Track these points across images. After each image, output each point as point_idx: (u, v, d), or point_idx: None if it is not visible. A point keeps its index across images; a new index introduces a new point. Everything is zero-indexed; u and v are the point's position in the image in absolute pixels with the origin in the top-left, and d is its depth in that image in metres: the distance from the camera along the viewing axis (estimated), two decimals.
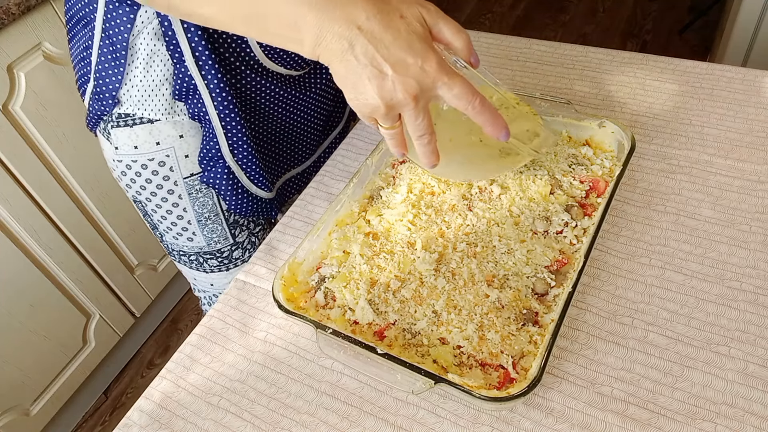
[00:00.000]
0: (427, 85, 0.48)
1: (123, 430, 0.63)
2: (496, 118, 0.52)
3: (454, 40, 0.53)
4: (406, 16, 0.49)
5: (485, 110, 0.51)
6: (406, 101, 0.49)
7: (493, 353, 0.59)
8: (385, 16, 0.48)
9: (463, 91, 0.49)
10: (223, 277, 0.93)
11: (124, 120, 0.73)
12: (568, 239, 0.68)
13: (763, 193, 0.74)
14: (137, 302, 1.65)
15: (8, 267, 1.29)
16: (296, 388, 0.63)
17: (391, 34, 0.47)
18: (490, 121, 0.52)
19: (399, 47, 0.47)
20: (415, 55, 0.48)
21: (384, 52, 0.47)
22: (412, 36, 0.48)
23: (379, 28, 0.47)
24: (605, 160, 0.76)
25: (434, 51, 0.49)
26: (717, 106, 0.86)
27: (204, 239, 0.86)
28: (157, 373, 0.67)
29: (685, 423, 0.56)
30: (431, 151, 0.54)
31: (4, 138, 1.22)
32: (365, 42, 0.47)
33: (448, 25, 0.52)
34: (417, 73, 0.48)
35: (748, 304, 0.64)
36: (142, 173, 0.78)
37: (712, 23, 2.50)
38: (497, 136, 0.53)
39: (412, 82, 0.48)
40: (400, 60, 0.47)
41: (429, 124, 0.52)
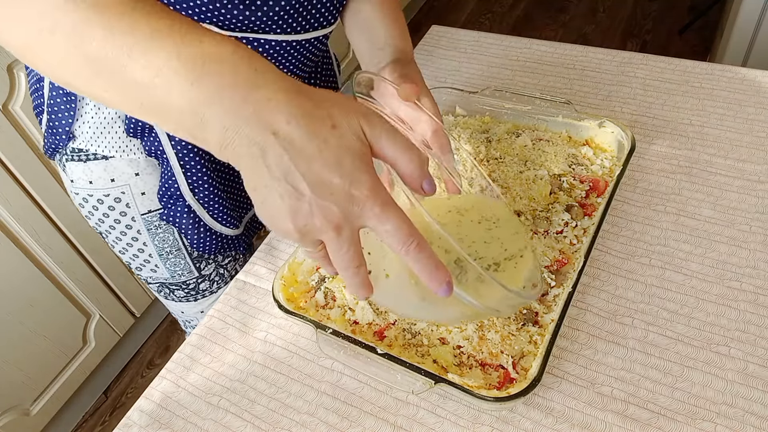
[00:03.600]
0: (353, 214, 0.39)
1: (123, 430, 0.63)
2: (434, 270, 0.40)
3: (401, 161, 0.41)
4: (340, 126, 0.39)
5: (422, 257, 0.40)
6: (324, 230, 0.39)
7: (493, 353, 0.59)
8: (313, 123, 0.38)
9: (397, 229, 0.39)
10: (191, 306, 0.89)
11: (78, 155, 0.70)
12: (568, 239, 0.68)
13: (763, 193, 0.74)
14: (137, 302, 1.64)
15: (8, 267, 1.29)
16: (296, 388, 0.63)
17: (316, 146, 0.38)
18: (426, 271, 0.40)
19: (324, 163, 0.38)
20: (342, 174, 0.38)
21: (303, 166, 0.38)
22: (342, 151, 0.39)
23: (301, 136, 0.38)
24: (605, 160, 0.76)
25: (369, 173, 0.39)
26: (717, 106, 0.86)
27: (167, 272, 0.81)
28: (157, 373, 0.67)
29: (685, 423, 0.56)
30: (359, 284, 0.43)
31: (4, 138, 1.22)
32: (281, 151, 0.38)
33: (394, 142, 0.41)
34: (342, 197, 0.38)
35: (748, 304, 0.64)
36: (99, 207, 0.74)
37: (712, 23, 2.50)
38: (435, 291, 0.41)
39: (334, 208, 0.38)
40: (323, 179, 0.38)
41: (355, 256, 0.41)
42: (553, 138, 0.79)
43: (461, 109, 0.86)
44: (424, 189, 0.43)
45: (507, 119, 0.84)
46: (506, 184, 0.73)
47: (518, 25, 2.74)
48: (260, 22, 0.63)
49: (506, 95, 0.83)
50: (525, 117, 0.83)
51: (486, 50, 1.05)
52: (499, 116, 0.84)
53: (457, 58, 1.04)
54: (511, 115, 0.83)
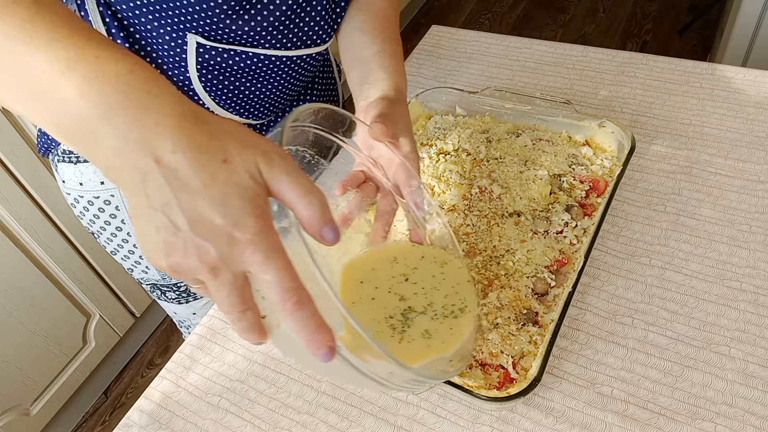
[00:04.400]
0: (231, 257, 0.35)
1: (123, 430, 0.63)
2: (313, 331, 0.36)
3: (299, 205, 0.38)
4: (233, 162, 0.36)
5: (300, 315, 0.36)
6: (199, 270, 0.36)
7: (493, 353, 0.59)
8: (200, 155, 0.35)
9: (277, 281, 0.35)
10: (184, 308, 0.88)
11: (68, 156, 0.70)
12: (568, 239, 0.68)
13: (763, 193, 0.74)
14: (137, 302, 1.64)
15: (8, 267, 1.29)
16: (296, 388, 0.63)
17: (202, 180, 0.35)
18: (303, 331, 0.36)
19: (207, 199, 0.35)
20: (226, 214, 0.35)
21: (185, 200, 0.35)
22: (230, 188, 0.35)
23: (186, 167, 0.35)
24: (605, 160, 0.76)
25: (257, 215, 0.36)
26: (717, 106, 0.86)
27: (158, 273, 0.80)
28: (157, 373, 0.67)
29: (685, 423, 0.56)
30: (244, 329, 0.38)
31: (4, 138, 1.22)
32: (162, 180, 0.35)
33: (293, 184, 0.37)
34: (221, 239, 0.35)
35: (748, 304, 0.64)
36: (90, 208, 0.74)
37: (712, 23, 2.50)
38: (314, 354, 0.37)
39: (211, 249, 0.35)
40: (204, 217, 0.35)
41: (238, 301, 0.37)
42: (553, 138, 0.79)
43: (461, 109, 0.86)
44: (324, 237, 0.39)
45: (507, 119, 0.84)
46: (506, 184, 0.73)
47: (518, 25, 2.74)
48: (248, 36, 0.62)
49: (506, 95, 0.83)
50: (525, 117, 0.83)
51: (486, 50, 1.05)
52: (499, 116, 0.84)
53: (457, 58, 1.04)
54: (511, 115, 0.83)
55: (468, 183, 0.75)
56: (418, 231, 0.62)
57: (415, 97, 0.85)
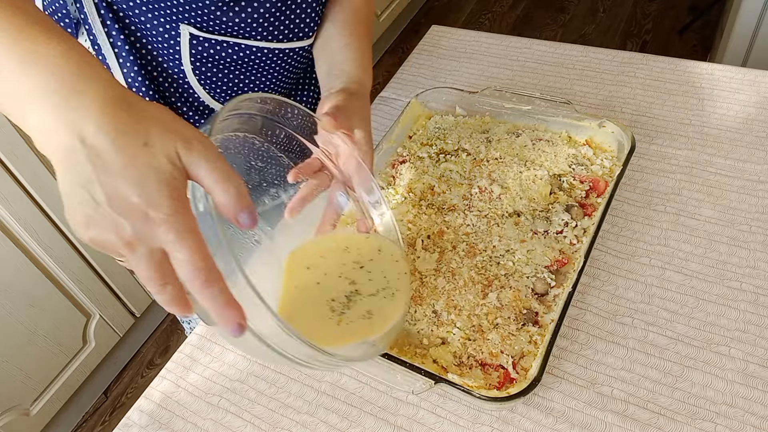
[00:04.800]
0: (145, 235, 0.37)
1: (123, 430, 0.63)
2: (222, 308, 0.39)
3: (214, 189, 0.40)
4: (153, 146, 0.38)
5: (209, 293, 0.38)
6: (115, 245, 0.38)
7: (493, 353, 0.59)
8: (122, 137, 0.38)
9: (188, 260, 0.38)
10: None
11: None
12: (568, 239, 0.68)
13: (763, 193, 0.74)
14: (137, 302, 1.64)
15: (8, 267, 1.29)
16: (296, 388, 0.63)
17: (122, 161, 0.37)
18: (213, 308, 0.39)
19: (126, 179, 0.37)
20: (142, 194, 0.37)
21: (105, 179, 0.37)
22: (149, 171, 0.38)
23: (108, 148, 0.37)
24: (605, 160, 0.76)
25: (173, 198, 0.38)
26: (717, 106, 0.86)
27: None
28: (157, 373, 0.67)
29: (685, 423, 0.56)
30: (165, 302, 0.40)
31: (4, 138, 1.22)
32: (85, 160, 0.37)
33: (211, 170, 0.40)
34: (137, 217, 0.37)
35: (748, 304, 0.64)
36: None
37: (712, 23, 2.50)
38: (224, 330, 0.40)
39: (127, 225, 0.37)
40: (121, 195, 0.37)
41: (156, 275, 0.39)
42: (553, 138, 0.79)
43: (461, 109, 0.86)
44: (240, 221, 0.41)
45: (507, 119, 0.84)
46: (506, 184, 0.73)
47: (518, 25, 2.74)
48: (239, 27, 0.63)
49: (506, 95, 0.83)
50: (525, 117, 0.83)
51: (486, 50, 1.05)
52: (499, 116, 0.84)
53: (457, 58, 1.04)
54: (511, 115, 0.83)
55: (468, 183, 0.75)
56: (365, 221, 0.64)
57: (415, 97, 0.85)
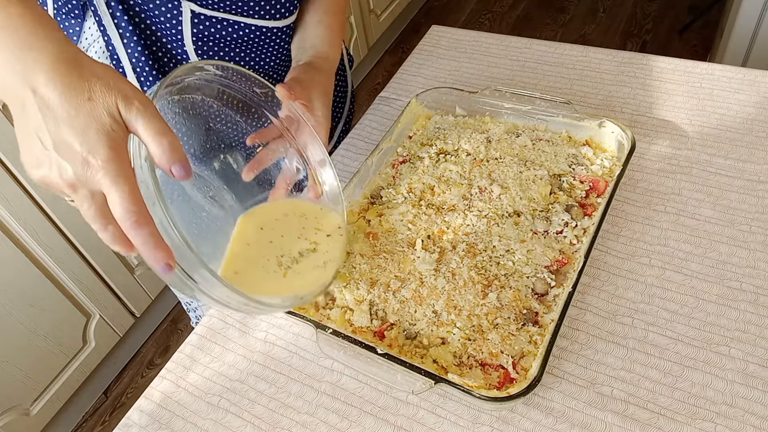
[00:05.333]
0: (85, 178, 0.43)
1: (123, 430, 0.63)
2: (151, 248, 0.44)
3: (149, 143, 0.45)
4: (95, 101, 0.43)
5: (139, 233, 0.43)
6: (60, 186, 0.44)
7: (493, 353, 0.59)
8: (69, 91, 0.42)
9: (120, 201, 0.42)
10: None
11: None
12: (568, 239, 0.68)
13: (763, 193, 0.74)
14: (137, 302, 1.64)
15: (8, 267, 1.29)
16: (296, 388, 0.63)
17: (67, 111, 0.42)
18: (143, 247, 0.44)
19: (70, 128, 0.42)
20: (83, 142, 0.42)
21: (52, 126, 0.42)
22: (90, 121, 0.42)
23: (56, 100, 0.42)
24: (605, 160, 0.76)
25: (111, 147, 0.43)
26: (717, 106, 0.86)
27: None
28: (157, 373, 0.67)
29: (685, 423, 0.56)
30: (108, 240, 0.46)
31: (4, 138, 1.22)
32: (36, 108, 0.42)
33: (147, 125, 0.44)
34: (78, 161, 0.42)
35: (748, 304, 0.64)
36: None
37: (712, 23, 2.50)
38: (153, 268, 0.45)
39: (69, 168, 0.43)
40: (65, 141, 0.42)
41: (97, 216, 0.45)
42: (553, 138, 0.79)
43: (461, 109, 0.86)
44: (173, 172, 0.45)
45: (507, 119, 0.84)
46: (506, 184, 0.73)
47: (518, 25, 2.74)
48: (239, 4, 0.66)
49: (506, 95, 0.83)
50: (525, 117, 0.83)
51: (486, 50, 1.05)
52: (499, 116, 0.84)
53: (457, 58, 1.04)
54: (511, 115, 0.83)
55: (468, 183, 0.75)
56: (315, 188, 0.69)
57: (415, 97, 0.85)
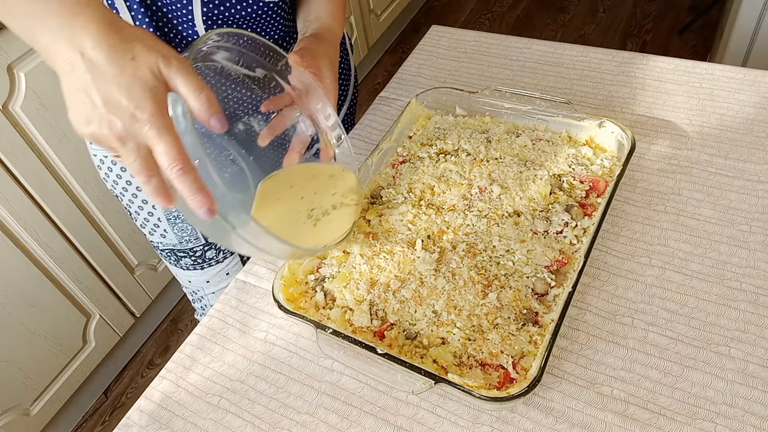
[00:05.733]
0: (133, 131, 0.47)
1: (123, 430, 0.63)
2: (195, 193, 0.48)
3: (189, 98, 0.49)
4: (138, 60, 0.47)
5: (184, 179, 0.47)
6: (109, 139, 0.47)
7: (493, 353, 0.59)
8: (114, 52, 0.46)
9: (166, 152, 0.47)
10: (198, 275, 0.92)
11: None
12: (568, 239, 0.68)
13: (763, 193, 0.74)
14: (137, 302, 1.64)
15: (8, 267, 1.29)
16: (296, 388, 0.63)
17: (113, 71, 0.46)
18: (187, 192, 0.48)
19: (117, 85, 0.46)
20: (130, 98, 0.46)
21: (100, 85, 0.46)
22: (135, 80, 0.47)
23: (102, 60, 0.46)
24: (605, 160, 0.76)
25: (155, 102, 0.47)
26: (717, 106, 0.86)
27: (175, 237, 0.86)
28: (157, 373, 0.67)
29: (685, 423, 0.56)
30: (150, 192, 0.50)
31: (4, 138, 1.22)
32: (84, 69, 0.46)
33: (186, 81, 0.49)
34: (126, 116, 0.46)
35: (748, 304, 0.64)
36: (113, 168, 0.79)
37: (712, 23, 2.50)
38: (196, 212, 0.49)
39: (118, 123, 0.46)
40: (114, 98, 0.46)
41: (143, 168, 0.48)
42: (553, 138, 0.79)
43: (461, 109, 0.86)
44: (211, 124, 0.50)
45: (507, 119, 0.84)
46: (506, 184, 0.73)
47: (518, 25, 2.74)
48: None
49: (506, 95, 0.83)
50: (525, 117, 0.83)
51: (486, 50, 1.05)
52: (499, 116, 0.84)
53: (457, 58, 1.04)
54: (511, 115, 0.83)
55: (468, 183, 0.75)
56: (327, 150, 0.73)
57: (415, 97, 0.85)
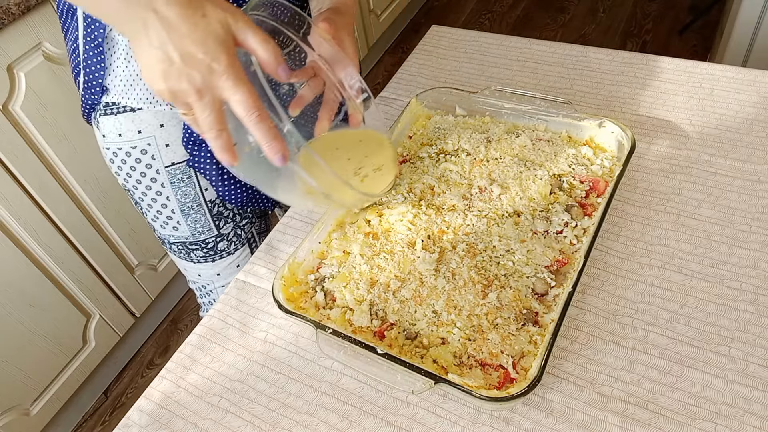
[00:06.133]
0: (211, 83, 0.49)
1: (123, 430, 0.63)
2: (271, 139, 0.52)
3: (259, 49, 0.52)
4: (209, 16, 0.49)
5: (262, 126, 0.51)
6: (188, 92, 0.50)
7: (493, 353, 0.59)
8: (185, 9, 0.49)
9: (245, 99, 0.50)
10: (209, 267, 0.93)
11: (110, 108, 0.75)
12: (568, 239, 0.68)
13: (763, 193, 0.74)
14: (137, 302, 1.64)
15: (8, 267, 1.29)
16: (296, 388, 0.63)
17: (187, 27, 0.48)
18: (265, 138, 0.51)
19: (192, 41, 0.48)
20: (206, 52, 0.49)
21: (176, 40, 0.48)
22: (208, 34, 0.49)
23: (176, 17, 0.48)
24: (605, 160, 0.76)
25: (228, 54, 0.49)
26: (717, 106, 0.86)
27: (188, 229, 0.87)
28: (157, 373, 0.67)
29: (685, 423, 0.56)
30: (220, 147, 0.53)
31: (4, 138, 1.22)
32: (159, 26, 0.48)
33: (254, 34, 0.52)
34: (203, 68, 0.49)
35: (748, 304, 0.64)
36: (127, 161, 0.80)
37: (712, 23, 2.50)
38: (271, 158, 0.53)
39: (197, 75, 0.49)
40: (190, 53, 0.48)
41: (216, 121, 0.51)
42: (553, 138, 0.79)
43: (461, 109, 0.86)
44: (278, 73, 0.53)
45: (507, 119, 0.84)
46: (506, 184, 0.73)
47: (518, 25, 2.74)
48: None
49: (506, 95, 0.83)
50: (525, 117, 0.83)
51: (486, 50, 1.05)
52: (499, 116, 0.84)
53: (457, 58, 1.04)
54: (511, 115, 0.83)
55: (468, 183, 0.75)
56: (356, 116, 0.75)
57: (415, 97, 0.85)
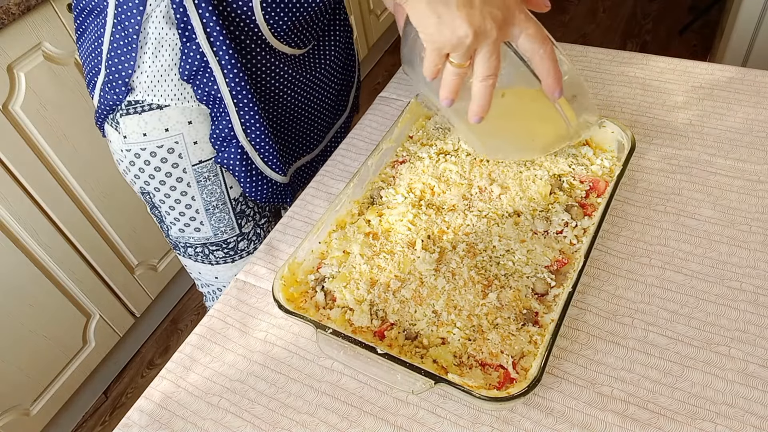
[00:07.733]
0: (508, 19, 0.54)
1: (123, 430, 0.63)
2: (557, 72, 0.56)
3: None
4: None
5: (550, 60, 0.55)
6: (492, 31, 0.53)
7: (493, 353, 0.59)
8: None
9: (537, 33, 0.55)
10: (228, 269, 0.93)
11: (134, 107, 0.75)
12: (568, 239, 0.68)
13: (763, 193, 0.74)
14: (137, 302, 1.65)
15: (8, 267, 1.29)
16: (296, 388, 0.63)
17: None
18: (552, 72, 0.56)
19: None
20: None
21: None
22: None
23: None
24: (605, 160, 0.76)
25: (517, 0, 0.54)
26: (717, 106, 0.86)
27: (211, 229, 0.87)
28: (157, 373, 0.67)
29: (685, 423, 0.56)
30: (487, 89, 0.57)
31: (4, 138, 1.22)
32: None
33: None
34: (501, 5, 0.53)
35: (748, 304, 0.64)
36: (151, 162, 0.79)
37: (712, 23, 2.50)
38: (553, 90, 0.57)
39: (498, 13, 0.53)
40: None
41: (497, 65, 0.55)
42: None
43: None
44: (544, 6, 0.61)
45: None
46: (506, 184, 0.73)
47: None
48: None
49: None
50: None
51: None
52: None
53: None
54: None
55: (468, 183, 0.75)
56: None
57: (415, 97, 0.85)
